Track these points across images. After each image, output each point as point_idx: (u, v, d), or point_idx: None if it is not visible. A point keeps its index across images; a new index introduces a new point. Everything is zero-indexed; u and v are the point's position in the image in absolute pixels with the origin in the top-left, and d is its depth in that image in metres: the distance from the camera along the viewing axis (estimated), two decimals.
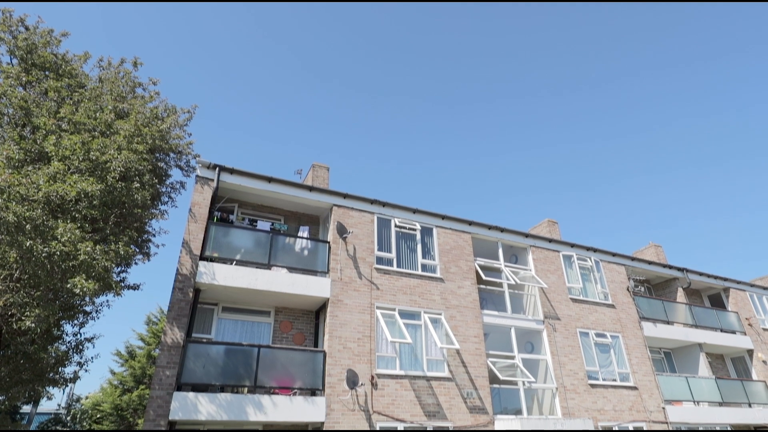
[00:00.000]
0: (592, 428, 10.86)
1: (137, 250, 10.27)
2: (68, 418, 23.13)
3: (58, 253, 7.45)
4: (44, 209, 7.74)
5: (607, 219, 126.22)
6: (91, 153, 8.15)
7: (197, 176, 10.40)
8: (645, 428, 12.73)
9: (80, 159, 8.23)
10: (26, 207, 7.28)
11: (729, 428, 14.19)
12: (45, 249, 7.37)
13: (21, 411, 22.18)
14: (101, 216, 8.57)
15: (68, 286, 7.55)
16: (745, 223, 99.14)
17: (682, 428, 13.41)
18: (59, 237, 7.48)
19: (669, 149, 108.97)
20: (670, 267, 17.00)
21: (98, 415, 19.35)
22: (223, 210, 11.30)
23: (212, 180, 10.45)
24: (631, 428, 12.52)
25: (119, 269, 10.55)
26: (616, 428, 12.31)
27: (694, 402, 14.09)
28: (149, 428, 8.03)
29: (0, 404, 11.36)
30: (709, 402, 14.40)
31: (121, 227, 9.23)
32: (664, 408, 13.40)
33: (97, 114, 8.66)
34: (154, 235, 10.75)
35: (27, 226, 7.33)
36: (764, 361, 16.75)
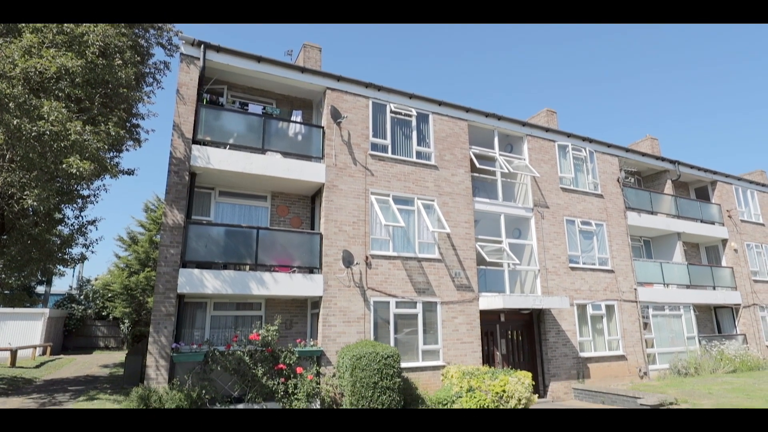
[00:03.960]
0: (568, 304, 11.85)
1: (127, 135, 10.10)
2: (81, 297, 24.74)
3: (48, 132, 7.33)
4: (25, 87, 7.43)
5: (608, 113, 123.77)
6: (65, 25, 7.62)
7: (182, 54, 9.83)
8: (615, 306, 13.95)
9: (54, 32, 7.72)
10: (5, 84, 6.98)
11: (691, 306, 15.59)
12: (33, 128, 7.24)
13: (36, 292, 23.53)
14: (86, 95, 8.28)
15: (63, 166, 7.55)
16: (743, 120, 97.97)
17: (649, 305, 14.73)
18: (46, 116, 7.30)
19: (679, 47, 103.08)
20: (663, 159, 17.16)
21: (109, 295, 20.65)
22: (213, 92, 10.89)
23: (198, 59, 9.90)
24: (602, 305, 13.72)
25: (112, 154, 10.48)
26: (590, 304, 13.50)
27: (664, 284, 15.27)
28: (160, 300, 8.66)
29: (16, 282, 12.07)
30: (677, 285, 15.61)
31: (108, 108, 8.97)
32: (635, 289, 14.53)
33: None
34: (143, 119, 10.50)
35: (10, 104, 7.10)
36: (735, 250, 17.80)
